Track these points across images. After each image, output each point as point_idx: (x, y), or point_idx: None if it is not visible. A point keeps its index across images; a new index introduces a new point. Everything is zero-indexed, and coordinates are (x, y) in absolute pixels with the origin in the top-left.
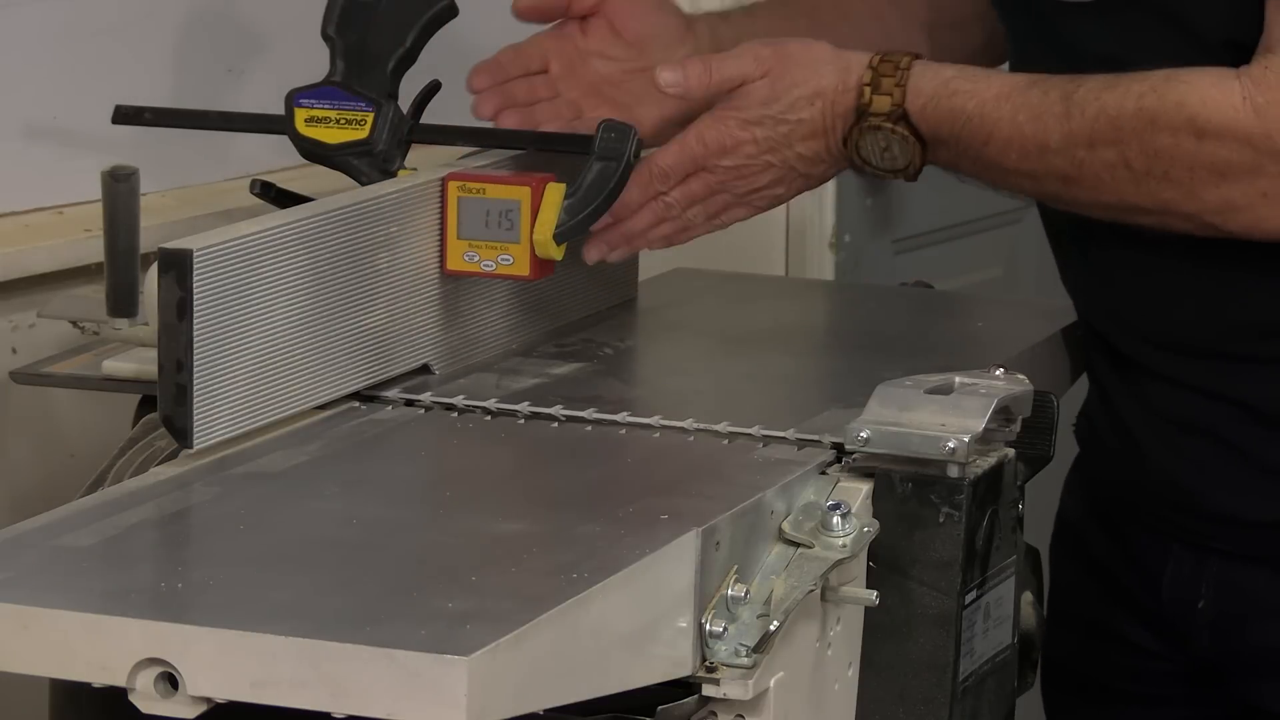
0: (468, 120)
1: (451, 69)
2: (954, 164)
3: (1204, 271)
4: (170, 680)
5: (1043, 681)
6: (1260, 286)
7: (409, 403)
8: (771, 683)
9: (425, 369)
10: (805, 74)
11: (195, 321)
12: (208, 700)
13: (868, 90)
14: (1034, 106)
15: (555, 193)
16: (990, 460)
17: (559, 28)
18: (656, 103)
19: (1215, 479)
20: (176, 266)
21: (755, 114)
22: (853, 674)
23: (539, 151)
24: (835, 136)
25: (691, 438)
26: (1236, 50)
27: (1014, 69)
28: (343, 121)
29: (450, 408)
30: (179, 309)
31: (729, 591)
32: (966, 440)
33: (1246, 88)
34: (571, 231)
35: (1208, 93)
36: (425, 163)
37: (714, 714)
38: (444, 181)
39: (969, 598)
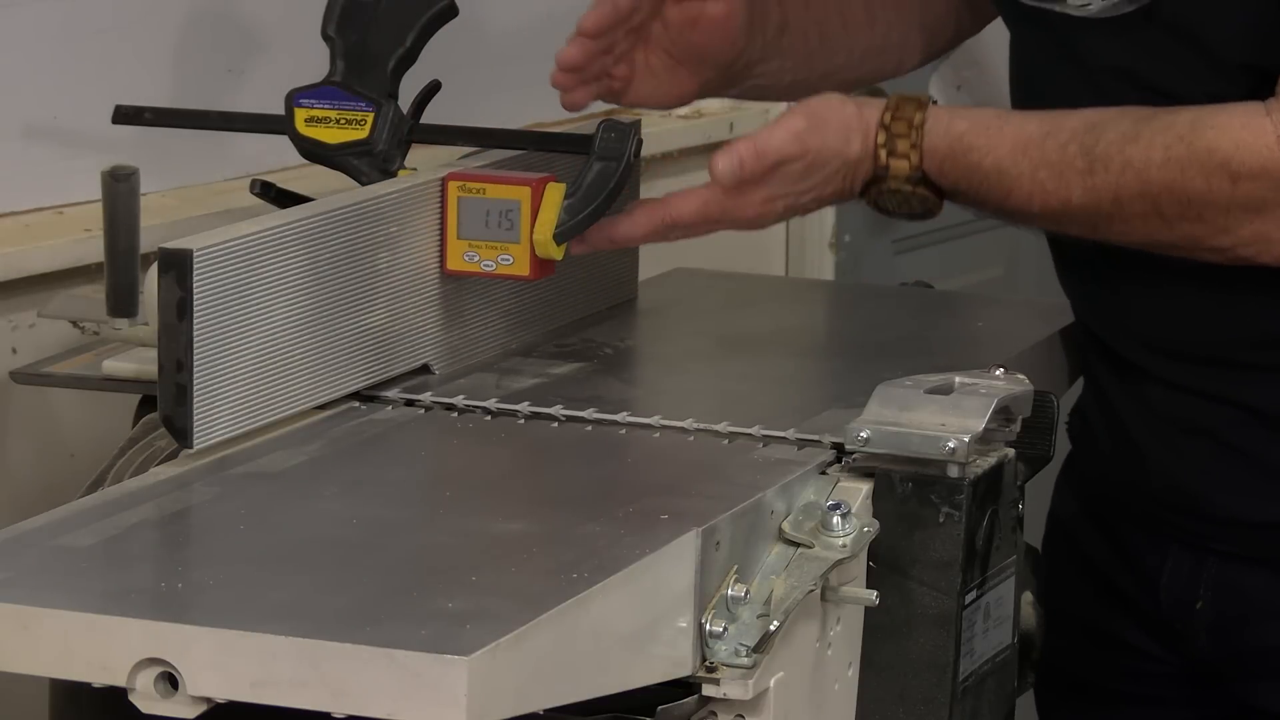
0: (468, 120)
1: (451, 69)
2: (976, 209)
3: (1207, 281)
4: (170, 680)
5: (1035, 683)
6: (1264, 297)
7: (409, 403)
8: (771, 683)
9: (425, 369)
10: (838, 147)
11: (195, 321)
12: (208, 700)
13: (884, 153)
14: (1053, 163)
15: (555, 193)
16: (990, 460)
17: None
18: (660, 96)
19: (1217, 481)
20: (176, 266)
21: (783, 189)
22: (853, 674)
23: (539, 151)
24: (853, 191)
25: (691, 438)
26: (1253, 74)
27: (1016, 79)
28: (343, 121)
29: (450, 408)
30: (179, 309)
31: (729, 591)
32: (966, 440)
33: (1278, 124)
34: (571, 231)
35: (1239, 135)
36: (425, 163)
37: (714, 714)
38: (444, 181)
39: (969, 598)
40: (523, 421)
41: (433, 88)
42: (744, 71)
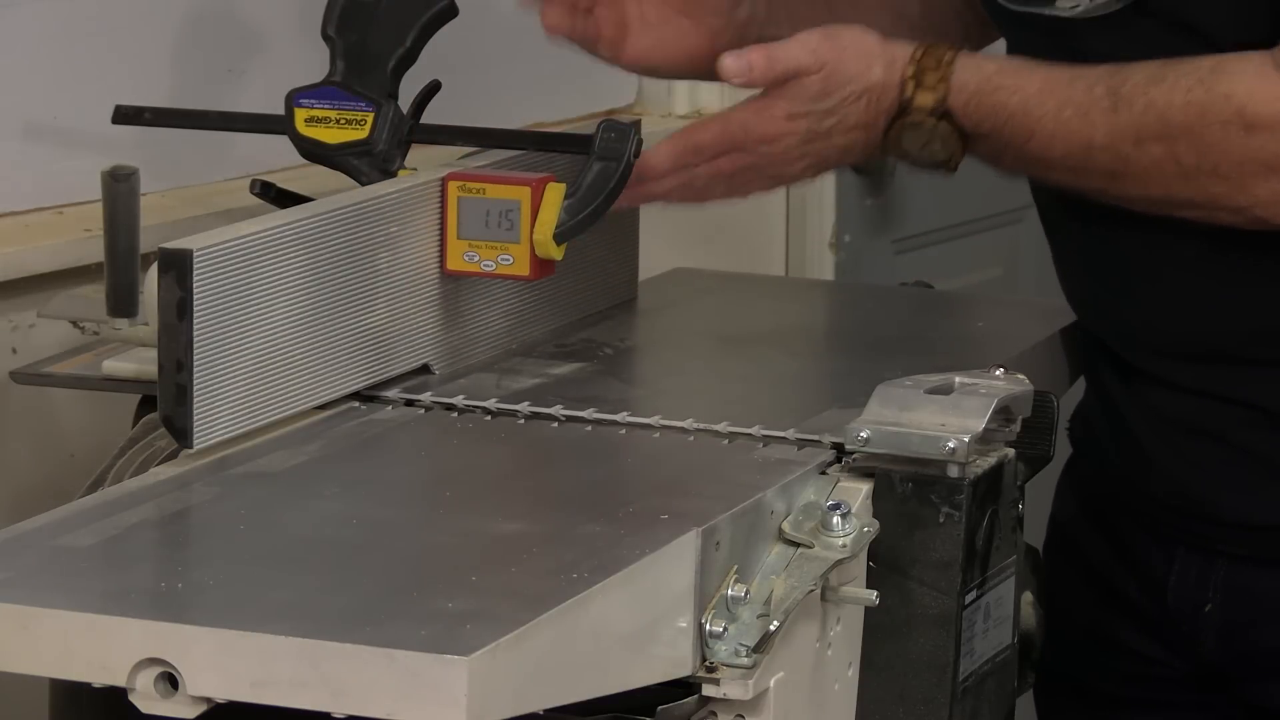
0: (468, 120)
1: (451, 69)
2: (995, 158)
3: (1209, 276)
4: (170, 680)
5: (1036, 686)
6: (1266, 289)
7: (409, 403)
8: (771, 683)
9: (425, 369)
10: (857, 69)
11: (195, 321)
12: (208, 700)
13: (911, 85)
14: (1079, 102)
15: (555, 193)
16: (990, 460)
17: None
18: (660, 53)
19: (1225, 483)
20: (176, 266)
21: (804, 108)
22: (853, 674)
23: (539, 151)
24: (877, 130)
25: (691, 438)
26: (1248, 50)
27: None
28: (343, 121)
29: (450, 408)
30: (179, 309)
31: (729, 591)
32: (966, 440)
33: None
34: (571, 231)
35: (1254, 84)
36: (425, 163)
37: (714, 714)
38: (444, 181)
39: (969, 598)
40: (523, 421)
41: (433, 88)
42: (757, 33)
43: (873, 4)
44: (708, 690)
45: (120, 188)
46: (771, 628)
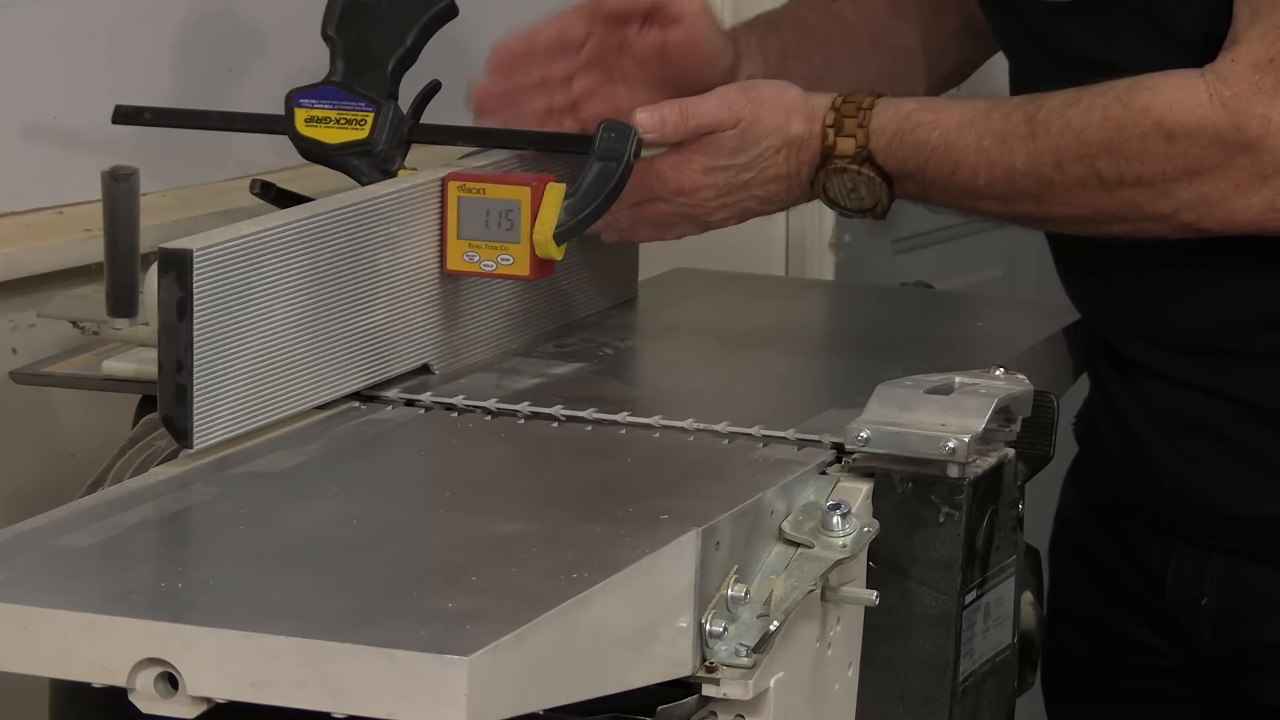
0: (468, 120)
1: (451, 69)
2: (922, 196)
3: (1200, 267)
4: (170, 680)
5: (1044, 680)
6: (1256, 281)
7: (409, 403)
8: (771, 683)
9: (425, 369)
10: (775, 122)
11: (195, 321)
12: (208, 700)
13: (831, 133)
14: (997, 131)
15: (555, 193)
16: (990, 460)
17: (614, 20)
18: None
19: (1219, 477)
20: (176, 266)
21: (720, 162)
22: (853, 674)
23: (539, 151)
24: (800, 180)
25: (691, 438)
26: (1214, 43)
27: (1011, 74)
28: (343, 121)
29: (450, 408)
30: (179, 309)
31: (729, 591)
32: (966, 440)
33: (1212, 84)
34: (571, 231)
35: (1173, 95)
36: (425, 163)
37: (714, 714)
38: (444, 181)
39: (969, 598)
40: (523, 421)
41: (433, 88)
42: None
43: (870, 46)
44: (708, 690)
45: (120, 188)
46: (771, 628)
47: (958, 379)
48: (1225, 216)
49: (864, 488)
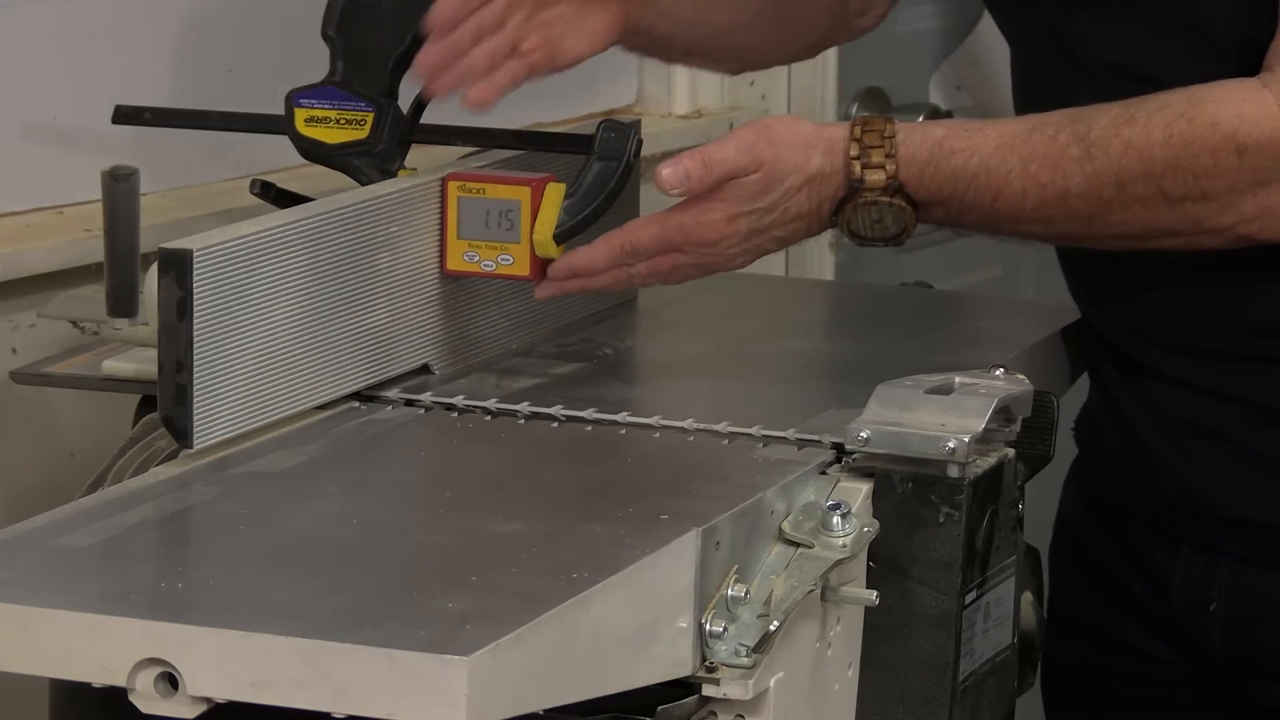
0: (468, 120)
1: None
2: (953, 221)
3: (1211, 272)
4: (170, 680)
5: (1044, 686)
6: (1269, 286)
7: (409, 403)
8: (771, 683)
9: (425, 369)
10: (795, 161)
11: (195, 321)
12: (208, 700)
13: (857, 165)
14: (1045, 154)
15: (555, 193)
16: (990, 460)
17: None
18: (588, 39)
19: (1227, 481)
20: (176, 266)
21: (744, 208)
22: (853, 674)
23: (539, 151)
24: (821, 214)
25: (691, 438)
26: (1249, 48)
27: (1015, 72)
28: (343, 121)
29: (450, 408)
30: (179, 309)
31: (729, 591)
32: (966, 440)
33: (1279, 95)
34: (571, 231)
35: (1242, 108)
36: (425, 163)
37: (714, 714)
38: (444, 181)
39: (969, 598)
40: (523, 421)
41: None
42: (653, 6)
43: None
44: (708, 690)
45: (120, 188)
46: (771, 628)
47: (958, 379)
48: None
49: (864, 488)
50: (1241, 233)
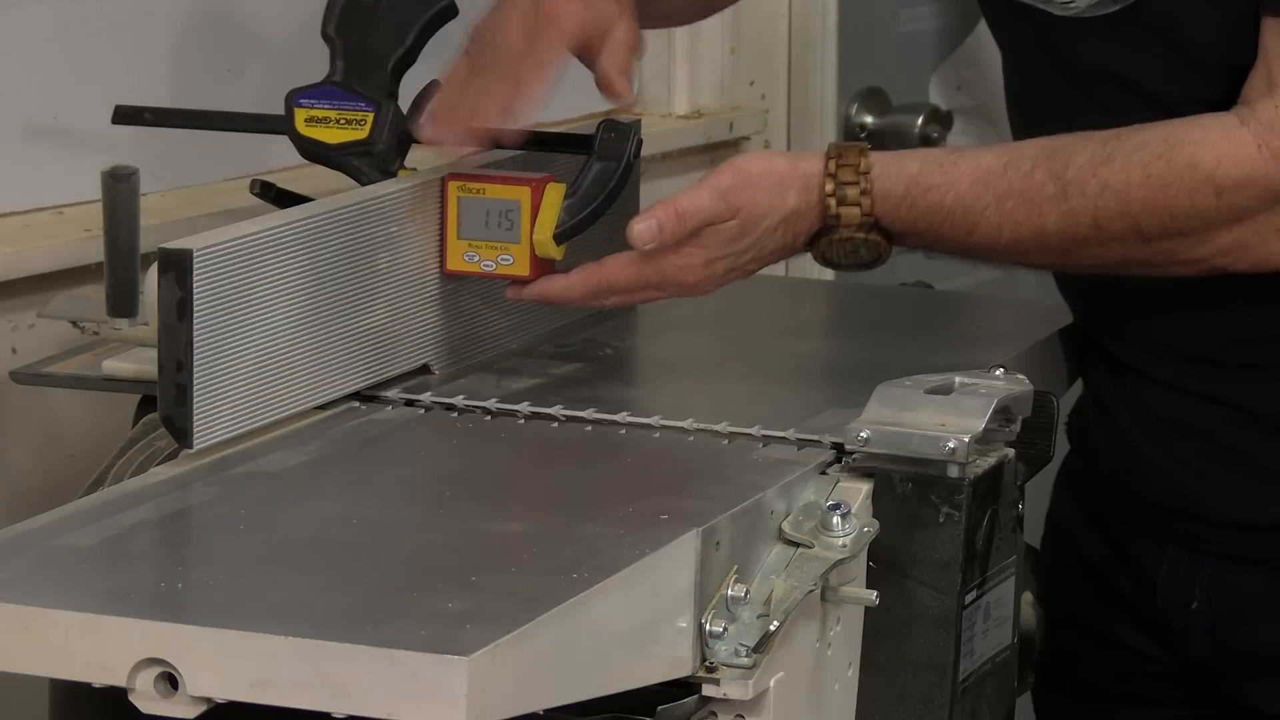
0: None
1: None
2: (928, 248)
3: (1193, 284)
4: (170, 680)
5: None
6: (1257, 295)
7: (409, 403)
8: (771, 683)
9: (425, 369)
10: (771, 202)
11: (195, 321)
12: (208, 700)
13: (833, 203)
14: (1021, 192)
15: (555, 193)
16: (990, 460)
17: None
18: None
19: (1212, 482)
20: (176, 266)
21: (721, 252)
22: (853, 674)
23: (539, 151)
24: (796, 247)
25: (691, 438)
26: (1232, 72)
27: (1007, 81)
28: (343, 121)
29: (450, 408)
30: (179, 309)
31: (729, 591)
32: (966, 440)
33: (1259, 134)
34: (571, 231)
35: (1220, 148)
36: (425, 163)
37: (714, 714)
38: (444, 181)
39: (969, 598)
40: (522, 421)
41: (433, 88)
42: None
43: None
44: (708, 690)
45: (120, 188)
46: (771, 628)
47: (958, 379)
48: (1261, 259)
49: (864, 488)
50: (1215, 265)
